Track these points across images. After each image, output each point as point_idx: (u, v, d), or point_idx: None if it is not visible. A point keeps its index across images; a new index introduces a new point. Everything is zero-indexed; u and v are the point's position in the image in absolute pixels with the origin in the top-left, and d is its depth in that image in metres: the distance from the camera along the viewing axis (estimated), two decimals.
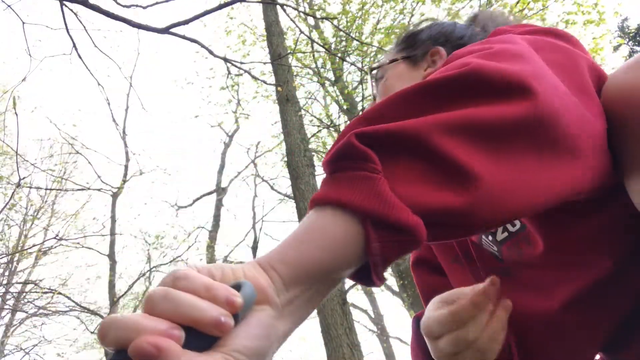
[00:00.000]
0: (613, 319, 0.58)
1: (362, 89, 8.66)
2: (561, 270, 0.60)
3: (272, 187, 12.61)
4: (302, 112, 6.94)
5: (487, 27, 0.82)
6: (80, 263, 13.14)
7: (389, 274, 10.07)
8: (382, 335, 13.01)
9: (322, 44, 7.57)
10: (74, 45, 4.40)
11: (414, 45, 0.86)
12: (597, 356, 0.63)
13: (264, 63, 6.25)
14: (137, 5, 3.98)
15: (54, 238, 10.93)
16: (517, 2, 6.56)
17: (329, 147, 10.17)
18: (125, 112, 11.31)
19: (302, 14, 7.99)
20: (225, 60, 5.40)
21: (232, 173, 14.06)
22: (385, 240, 0.38)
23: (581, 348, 0.61)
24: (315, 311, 5.22)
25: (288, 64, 6.27)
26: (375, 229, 0.37)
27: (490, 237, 0.67)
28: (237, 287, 0.35)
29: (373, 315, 13.56)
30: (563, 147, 0.44)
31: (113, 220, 11.20)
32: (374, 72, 0.91)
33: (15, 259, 11.11)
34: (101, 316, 10.38)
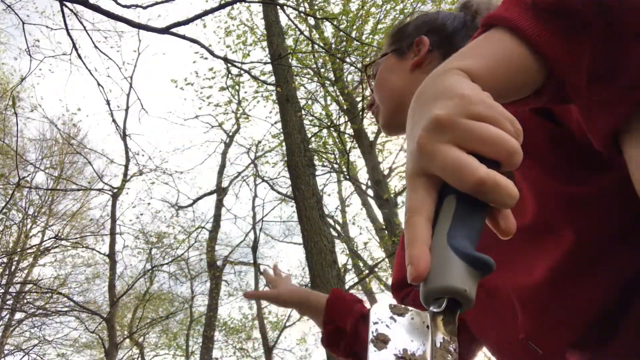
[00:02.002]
0: (592, 302, 0.58)
1: (362, 89, 8.66)
2: (538, 242, 0.59)
3: (272, 187, 12.61)
4: (302, 112, 6.94)
5: (480, 11, 0.84)
6: (80, 263, 13.16)
7: (389, 274, 10.06)
8: None
9: (322, 44, 7.58)
10: (74, 45, 4.40)
11: (401, 38, 0.89)
12: None
13: (264, 63, 6.26)
14: (137, 6, 3.98)
15: (54, 238, 10.94)
16: None
17: (329, 147, 10.13)
18: (126, 112, 11.30)
19: (302, 14, 8.00)
20: (225, 60, 5.40)
21: (232, 173, 14.06)
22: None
23: (562, 329, 0.61)
24: None
25: (288, 64, 6.28)
26: None
27: None
28: None
29: None
30: None
31: (113, 220, 11.19)
32: (369, 69, 0.94)
33: (15, 259, 11.10)
34: (101, 316, 10.37)
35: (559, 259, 0.58)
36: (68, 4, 4.00)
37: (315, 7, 8.97)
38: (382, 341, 0.36)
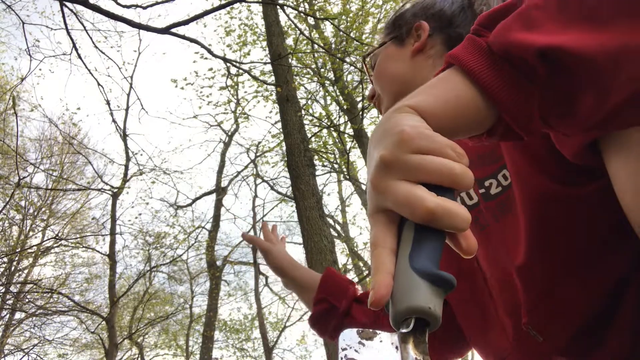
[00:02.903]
0: (583, 307, 0.58)
1: (362, 89, 8.66)
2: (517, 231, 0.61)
3: (272, 187, 12.61)
4: (302, 112, 6.94)
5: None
6: (80, 263, 13.15)
7: None
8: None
9: (322, 44, 7.57)
10: (74, 45, 4.40)
11: (400, 25, 0.87)
12: None
13: (264, 63, 6.25)
14: (137, 6, 3.98)
15: (54, 238, 10.94)
16: None
17: (329, 147, 10.10)
18: (126, 112, 11.30)
19: (302, 14, 8.00)
20: (225, 60, 5.40)
21: (232, 173, 14.06)
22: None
23: (550, 338, 0.61)
24: None
25: (288, 64, 6.28)
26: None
27: (482, 191, 0.68)
28: None
29: None
30: None
31: (113, 220, 11.19)
32: (367, 59, 0.93)
33: (15, 258, 11.10)
34: (101, 316, 10.37)
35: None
36: (68, 4, 4.00)
37: (315, 7, 8.97)
38: None
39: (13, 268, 11.42)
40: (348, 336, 0.39)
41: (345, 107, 8.82)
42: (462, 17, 0.82)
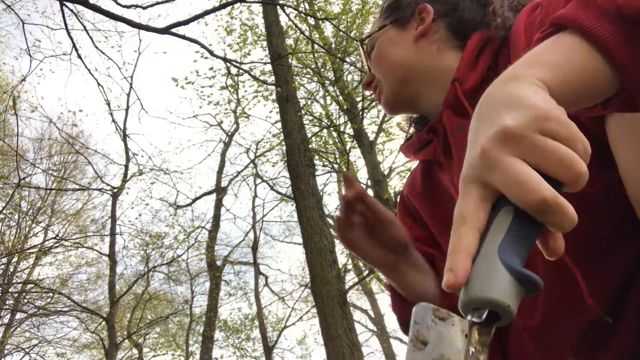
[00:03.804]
0: (589, 306, 0.58)
1: (363, 89, 8.64)
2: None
3: (272, 187, 12.61)
4: (302, 112, 6.94)
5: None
6: (83, 263, 13.16)
7: None
8: (382, 335, 13.02)
9: (322, 44, 7.58)
10: (74, 46, 4.40)
11: (399, 8, 0.83)
12: None
13: (264, 63, 6.26)
14: (137, 6, 3.98)
15: (54, 238, 10.94)
16: None
17: (329, 147, 10.05)
18: (126, 112, 11.29)
19: (302, 14, 8.00)
20: (225, 60, 5.40)
21: (232, 173, 14.05)
22: None
23: (559, 339, 0.61)
24: (316, 311, 5.19)
25: (288, 64, 6.28)
26: None
27: None
28: None
29: (373, 315, 13.57)
30: None
31: (113, 220, 11.19)
32: (365, 44, 0.88)
33: (15, 259, 11.10)
34: (101, 316, 10.37)
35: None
36: (68, 4, 4.00)
37: (315, 7, 8.97)
38: (421, 342, 0.36)
39: (12, 268, 11.43)
40: (422, 311, 0.38)
41: (345, 107, 8.82)
42: (467, 1, 0.79)
